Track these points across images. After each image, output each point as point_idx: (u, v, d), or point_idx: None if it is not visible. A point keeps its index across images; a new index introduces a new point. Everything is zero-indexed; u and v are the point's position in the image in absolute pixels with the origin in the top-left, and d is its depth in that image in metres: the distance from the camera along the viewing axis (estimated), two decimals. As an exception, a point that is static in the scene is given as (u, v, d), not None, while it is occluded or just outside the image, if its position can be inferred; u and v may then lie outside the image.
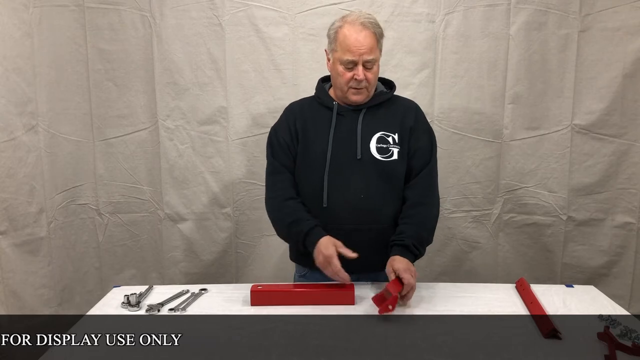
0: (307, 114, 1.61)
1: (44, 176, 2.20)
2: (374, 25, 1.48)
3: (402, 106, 1.62)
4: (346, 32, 1.47)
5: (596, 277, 2.34)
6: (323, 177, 1.52)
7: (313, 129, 1.58)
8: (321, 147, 1.54)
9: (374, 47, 1.48)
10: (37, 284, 2.18)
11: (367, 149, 1.53)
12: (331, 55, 1.55)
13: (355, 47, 1.45)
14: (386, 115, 1.58)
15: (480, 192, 2.36)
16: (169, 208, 2.39)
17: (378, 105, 1.58)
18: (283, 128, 1.62)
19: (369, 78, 1.50)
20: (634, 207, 2.29)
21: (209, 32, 2.24)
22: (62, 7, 2.19)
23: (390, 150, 1.54)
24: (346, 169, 1.52)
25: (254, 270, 2.43)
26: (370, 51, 1.47)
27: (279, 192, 1.58)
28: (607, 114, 2.23)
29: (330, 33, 1.53)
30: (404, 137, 1.56)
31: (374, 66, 1.50)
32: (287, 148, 1.59)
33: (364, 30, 1.46)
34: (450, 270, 2.42)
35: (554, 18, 2.20)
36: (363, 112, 1.56)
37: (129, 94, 2.31)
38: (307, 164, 1.57)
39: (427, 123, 1.65)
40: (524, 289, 1.49)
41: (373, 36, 1.47)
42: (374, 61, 1.48)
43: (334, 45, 1.51)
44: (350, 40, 1.46)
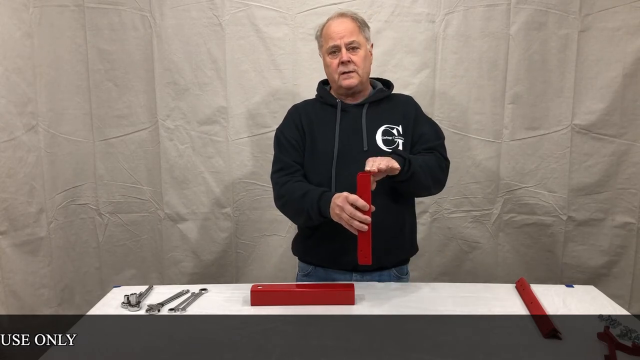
0: (311, 112, 1.64)
1: (44, 176, 2.20)
2: (352, 13, 1.59)
3: (402, 101, 1.68)
4: (328, 25, 1.59)
5: (596, 277, 2.34)
6: (331, 170, 1.54)
7: (319, 126, 1.60)
8: (328, 142, 1.57)
9: (355, 31, 1.55)
10: (37, 284, 2.18)
11: (374, 141, 1.56)
12: (321, 53, 1.64)
13: (335, 33, 1.55)
14: (388, 110, 1.62)
15: (480, 192, 2.36)
16: (169, 208, 2.39)
17: (379, 101, 1.63)
18: (290, 127, 1.63)
19: (355, 60, 1.54)
20: (634, 207, 2.29)
21: (209, 32, 2.24)
22: (62, 7, 2.20)
23: (395, 141, 1.56)
24: (353, 162, 1.51)
25: (254, 270, 2.43)
26: (351, 34, 1.54)
27: (288, 180, 1.56)
28: (607, 114, 2.23)
29: (317, 34, 1.64)
30: (407, 128, 1.59)
31: (359, 50, 1.55)
32: (296, 145, 1.60)
33: (342, 18, 1.57)
34: (450, 270, 2.42)
35: (554, 18, 2.20)
36: (366, 107, 1.60)
37: (129, 94, 2.31)
38: (315, 159, 1.58)
39: (425, 114, 1.70)
40: (524, 289, 1.49)
41: (352, 21, 1.56)
42: (356, 44, 1.55)
43: (321, 41, 1.62)
44: (330, 29, 1.57)
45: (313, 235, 1.60)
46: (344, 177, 1.52)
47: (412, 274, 2.39)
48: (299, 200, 1.48)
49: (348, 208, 1.32)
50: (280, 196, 1.57)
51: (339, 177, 1.53)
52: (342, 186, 1.49)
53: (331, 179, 1.54)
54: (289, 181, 1.55)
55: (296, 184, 1.54)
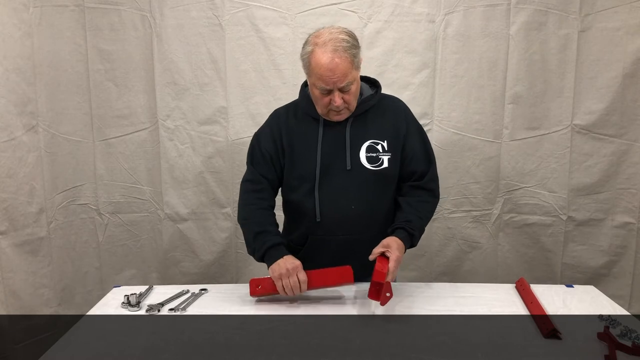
0: (293, 126, 1.55)
1: (44, 176, 2.20)
2: (345, 48, 1.37)
3: (390, 110, 1.56)
4: (317, 59, 1.37)
5: (596, 277, 2.34)
6: (313, 191, 1.50)
7: (300, 143, 1.53)
8: (310, 161, 1.51)
9: (348, 72, 1.38)
10: (37, 284, 2.18)
11: (357, 158, 1.50)
12: (307, 78, 1.48)
13: (327, 77, 1.37)
14: (374, 122, 1.53)
15: (480, 192, 2.36)
16: (169, 208, 2.39)
17: (365, 112, 1.52)
18: (267, 139, 1.56)
19: (348, 100, 1.43)
20: (634, 207, 2.29)
21: (209, 32, 2.24)
22: (62, 7, 2.20)
23: (380, 158, 1.51)
24: (336, 181, 1.50)
25: (254, 270, 2.43)
26: (344, 77, 1.38)
27: (253, 201, 1.55)
28: (607, 114, 2.24)
29: (304, 58, 1.43)
30: (395, 143, 1.53)
31: (351, 87, 1.41)
32: (269, 159, 1.55)
33: (335, 57, 1.35)
34: (450, 270, 2.43)
35: (554, 18, 2.20)
36: (350, 121, 1.52)
37: (129, 94, 2.31)
38: (296, 178, 1.53)
39: (416, 121, 1.61)
40: (524, 289, 1.49)
41: (346, 60, 1.36)
42: (349, 84, 1.40)
43: (308, 70, 1.43)
44: (322, 70, 1.37)
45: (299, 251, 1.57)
46: (327, 198, 1.50)
47: (412, 274, 2.41)
48: (253, 237, 1.49)
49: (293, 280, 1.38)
50: (242, 217, 1.56)
51: (322, 198, 1.50)
52: (325, 208, 1.50)
53: (315, 202, 1.51)
54: (254, 205, 1.54)
55: (258, 211, 1.53)
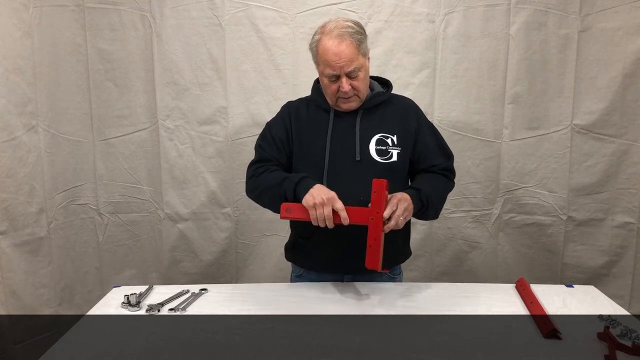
0: (304, 115, 1.59)
1: (44, 176, 2.20)
2: (351, 33, 1.41)
3: (400, 107, 1.59)
4: (324, 46, 1.42)
5: (596, 277, 2.34)
6: (322, 180, 1.50)
7: (310, 131, 1.55)
8: (319, 150, 1.52)
9: (354, 57, 1.41)
10: (37, 284, 2.18)
11: (367, 150, 1.52)
12: (316, 67, 1.52)
13: (334, 62, 1.41)
14: (384, 116, 1.55)
15: (480, 192, 2.36)
16: (169, 208, 2.39)
17: (375, 106, 1.55)
18: (278, 124, 1.60)
19: (356, 86, 1.45)
20: (634, 207, 2.29)
21: (209, 32, 2.25)
22: (62, 7, 2.20)
23: (389, 152, 1.52)
24: (345, 172, 1.50)
25: (254, 270, 2.43)
26: (351, 62, 1.41)
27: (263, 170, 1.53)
28: (607, 114, 2.24)
29: (312, 47, 1.48)
30: (405, 138, 1.54)
31: (359, 73, 1.44)
32: (279, 143, 1.57)
33: (342, 42, 1.40)
34: (450, 270, 2.43)
35: (554, 18, 2.20)
36: (361, 114, 1.54)
37: (129, 94, 2.31)
38: (305, 167, 1.55)
39: (428, 120, 1.64)
40: (524, 289, 1.49)
41: (352, 45, 1.40)
42: (357, 70, 1.43)
43: (316, 58, 1.48)
44: (328, 55, 1.41)
45: (306, 244, 1.59)
46: (335, 188, 1.47)
47: (412, 274, 2.40)
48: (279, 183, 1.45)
49: (328, 210, 1.34)
50: (257, 184, 1.52)
51: (330, 187, 1.47)
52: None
53: None
54: (266, 170, 1.52)
55: (274, 172, 1.51)
